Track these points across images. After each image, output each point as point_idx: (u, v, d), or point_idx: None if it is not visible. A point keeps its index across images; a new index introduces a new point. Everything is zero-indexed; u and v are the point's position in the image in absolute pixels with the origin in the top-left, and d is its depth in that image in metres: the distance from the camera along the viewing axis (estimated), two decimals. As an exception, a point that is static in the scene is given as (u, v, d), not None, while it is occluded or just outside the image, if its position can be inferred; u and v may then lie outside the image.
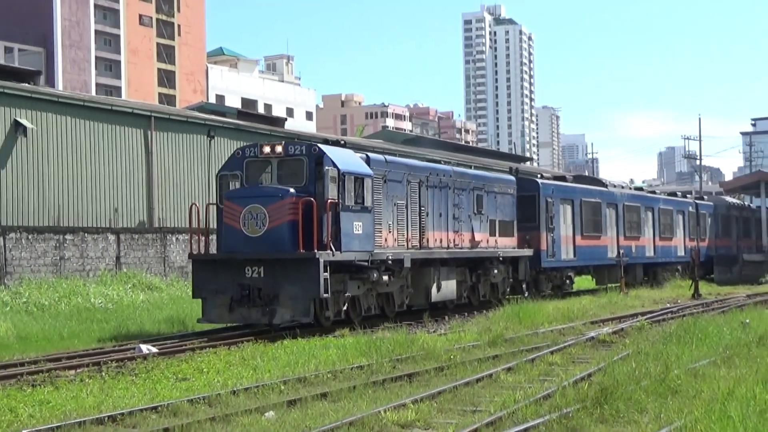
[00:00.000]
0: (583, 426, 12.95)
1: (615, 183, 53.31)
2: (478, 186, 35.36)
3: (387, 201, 28.75)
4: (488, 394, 15.87)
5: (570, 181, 46.01)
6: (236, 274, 25.17)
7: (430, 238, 31.38)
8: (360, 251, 26.80)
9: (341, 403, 15.04)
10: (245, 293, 24.99)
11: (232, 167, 27.01)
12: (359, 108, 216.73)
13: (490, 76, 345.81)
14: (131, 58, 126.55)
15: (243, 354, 21.12)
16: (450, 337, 24.77)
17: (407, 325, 27.69)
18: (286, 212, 25.05)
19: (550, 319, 28.68)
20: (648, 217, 51.79)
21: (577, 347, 22.57)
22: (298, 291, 24.83)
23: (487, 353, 21.03)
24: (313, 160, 25.93)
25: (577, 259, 42.99)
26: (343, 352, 21.04)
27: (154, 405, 14.65)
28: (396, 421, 13.43)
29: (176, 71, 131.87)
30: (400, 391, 16.28)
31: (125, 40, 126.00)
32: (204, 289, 25.72)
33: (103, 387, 16.88)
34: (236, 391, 15.90)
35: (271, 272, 24.96)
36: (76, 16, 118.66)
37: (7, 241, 36.55)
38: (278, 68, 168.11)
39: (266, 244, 25.01)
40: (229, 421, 13.48)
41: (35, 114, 39.00)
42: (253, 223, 25.09)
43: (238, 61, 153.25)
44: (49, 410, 14.63)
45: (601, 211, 45.76)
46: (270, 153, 26.35)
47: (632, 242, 49.09)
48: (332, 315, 26.66)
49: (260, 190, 25.93)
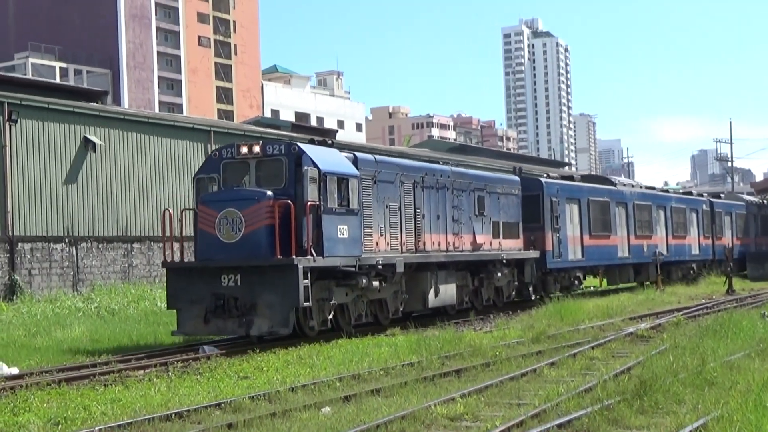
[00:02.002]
0: (624, 417, 12.84)
1: (624, 182, 49.91)
2: (479, 186, 32.32)
3: (378, 203, 25.91)
4: (532, 388, 15.78)
5: (578, 181, 43.17)
6: (212, 283, 22.40)
7: (427, 242, 28.42)
8: (345, 256, 23.93)
9: (393, 398, 14.99)
10: (220, 303, 22.23)
11: (209, 169, 24.19)
12: (406, 119, 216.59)
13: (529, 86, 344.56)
14: (191, 77, 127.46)
15: (300, 353, 21.13)
16: (495, 334, 24.65)
17: (454, 323, 27.62)
18: (263, 216, 22.28)
19: (590, 315, 28.47)
20: (660, 216, 48.73)
21: (617, 342, 22.41)
22: (276, 300, 22.03)
23: (531, 349, 20.91)
24: (293, 160, 23.07)
25: (586, 260, 40.09)
26: (395, 350, 21.02)
27: (218, 402, 14.68)
28: (445, 415, 13.38)
29: (233, 88, 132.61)
30: (449, 386, 16.22)
31: (185, 60, 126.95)
32: (179, 299, 22.93)
33: (170, 386, 16.94)
34: (294, 388, 15.90)
35: (248, 280, 22.14)
36: (140, 38, 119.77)
37: (80, 251, 36.94)
38: (329, 83, 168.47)
39: (243, 250, 22.28)
40: (288, 417, 13.48)
41: (103, 131, 39.41)
42: (229, 229, 22.38)
43: (291, 77, 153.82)
44: (120, 408, 14.71)
45: (610, 210, 42.80)
46: (247, 154, 23.49)
47: (643, 241, 46.05)
48: (317, 325, 23.83)
49: (235, 193, 23.00)
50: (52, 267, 36.92)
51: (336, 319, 24.78)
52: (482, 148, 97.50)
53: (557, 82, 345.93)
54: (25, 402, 15.35)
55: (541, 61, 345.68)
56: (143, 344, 24.33)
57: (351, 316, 25.28)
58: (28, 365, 19.90)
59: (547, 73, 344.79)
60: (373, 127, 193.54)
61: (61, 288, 36.88)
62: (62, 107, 38.38)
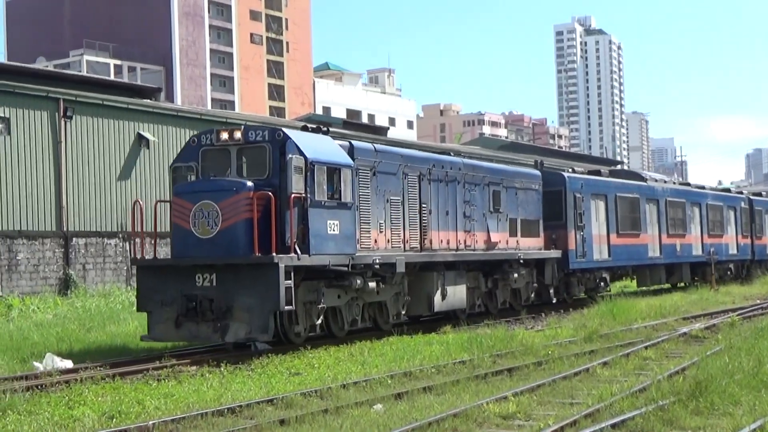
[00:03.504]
0: (679, 418, 12.70)
1: (656, 177, 46.77)
2: (494, 181, 29.72)
3: (377, 196, 23.69)
4: (585, 388, 15.65)
5: (605, 176, 39.91)
6: (185, 283, 20.29)
7: (434, 239, 26.11)
8: (336, 254, 21.66)
9: (445, 396, 14.96)
10: (192, 305, 20.10)
11: (187, 157, 21.94)
12: (457, 116, 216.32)
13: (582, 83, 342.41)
14: (243, 74, 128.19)
15: (351, 350, 21.12)
16: (547, 333, 24.52)
17: (506, 322, 27.50)
18: (242, 209, 20.08)
19: (642, 315, 28.21)
20: (695, 214, 45.85)
21: (670, 342, 22.20)
22: (254, 302, 19.87)
23: (583, 348, 20.78)
24: (277, 147, 20.85)
25: (613, 260, 37.28)
26: (446, 348, 20.96)
27: (270, 398, 14.72)
28: (498, 413, 13.32)
29: (285, 85, 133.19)
30: (501, 385, 16.15)
31: (238, 57, 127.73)
32: (149, 300, 20.81)
33: (222, 381, 17.02)
34: (346, 385, 15.90)
35: (224, 281, 20.04)
36: (193, 36, 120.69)
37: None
38: (380, 81, 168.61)
39: (219, 247, 20.14)
40: (340, 413, 13.48)
41: (157, 127, 39.76)
42: (204, 223, 20.22)
43: (343, 74, 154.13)
44: (174, 403, 14.79)
45: (640, 207, 39.91)
46: (228, 140, 21.30)
47: (677, 240, 43.24)
48: (304, 330, 21.71)
49: (212, 184, 20.72)
50: (105, 262, 37.33)
51: (328, 323, 22.79)
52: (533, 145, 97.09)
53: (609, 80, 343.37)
54: (79, 396, 15.49)
55: (594, 59, 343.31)
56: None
57: (345, 321, 23.12)
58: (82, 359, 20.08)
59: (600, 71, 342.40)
60: (424, 125, 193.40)
61: (115, 283, 37.27)
62: (116, 104, 38.76)
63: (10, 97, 34.87)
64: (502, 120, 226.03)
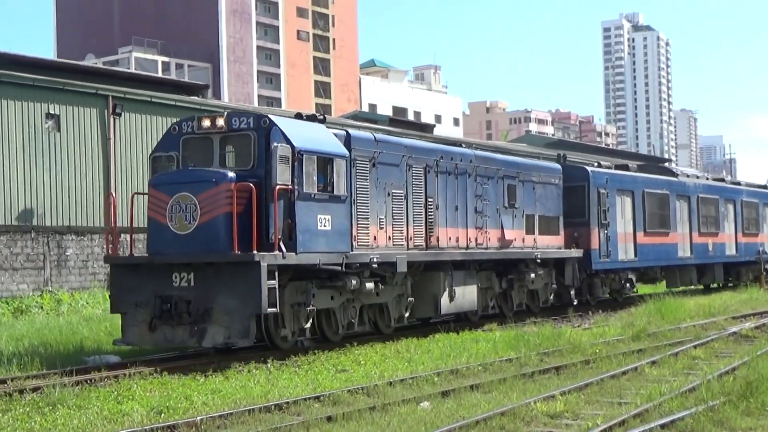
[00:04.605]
0: (729, 419, 12.56)
1: (688, 173, 44.62)
2: (509, 174, 27.84)
3: (377, 189, 21.95)
4: (634, 387, 15.55)
5: (633, 171, 37.63)
6: (161, 283, 18.78)
7: (441, 236, 24.35)
8: (328, 252, 19.96)
9: (492, 394, 14.93)
10: (166, 307, 18.57)
11: (167, 146, 20.30)
12: (503, 114, 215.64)
13: (629, 80, 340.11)
14: (290, 71, 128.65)
15: (397, 347, 21.14)
16: (594, 331, 24.40)
17: (552, 319, 27.39)
18: (222, 202, 18.48)
19: (691, 314, 28.01)
20: (729, 211, 43.59)
21: (720, 342, 21.99)
22: (234, 304, 18.31)
23: (631, 347, 20.67)
24: (263, 135, 19.25)
25: (639, 260, 35.22)
26: (493, 346, 20.92)
27: (317, 395, 14.76)
28: (545, 412, 13.26)
29: (331, 82, 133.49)
30: (549, 383, 16.09)
31: (284, 54, 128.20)
32: (123, 301, 19.29)
33: (269, 378, 17.06)
34: (392, 382, 15.91)
35: (203, 280, 18.50)
36: (240, 33, 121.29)
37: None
38: (426, 78, 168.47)
39: (197, 243, 18.55)
40: (387, 411, 13.47)
41: (204, 124, 39.91)
42: (182, 217, 18.65)
43: (389, 71, 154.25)
44: (221, 398, 14.86)
45: (669, 204, 37.77)
46: (210, 128, 19.80)
47: (709, 239, 41.16)
48: (291, 335, 20.01)
49: (190, 174, 19.14)
50: (153, 258, 37.58)
51: (320, 327, 21.28)
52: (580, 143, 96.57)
53: (657, 77, 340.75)
54: (128, 390, 15.61)
55: (642, 56, 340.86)
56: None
57: (339, 325, 21.45)
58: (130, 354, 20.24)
59: (648, 68, 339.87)
60: (471, 122, 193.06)
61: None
62: (164, 101, 39.02)
63: (60, 94, 35.24)
64: (549, 117, 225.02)
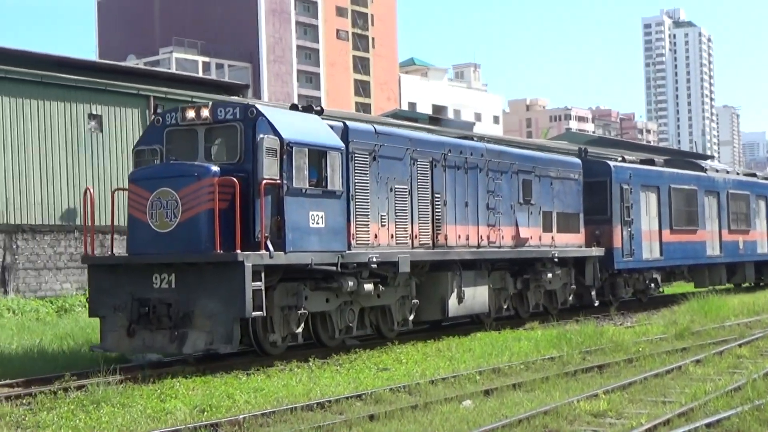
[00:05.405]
0: (776, 418, 12.43)
1: (717, 167, 42.85)
2: (524, 169, 26.36)
3: (378, 184, 20.69)
4: (678, 386, 15.42)
5: (659, 165, 35.93)
6: (141, 285, 17.68)
7: (449, 234, 22.90)
8: (321, 251, 18.69)
9: (535, 392, 14.85)
10: (144, 311, 17.45)
11: (151, 139, 19.14)
12: (543, 111, 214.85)
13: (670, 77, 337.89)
14: (329, 70, 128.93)
15: (439, 346, 21.11)
16: (637, 329, 24.26)
17: (594, 318, 27.24)
18: (204, 198, 17.33)
19: (735, 312, 27.76)
20: (761, 207, 42.12)
21: (765, 340, 21.73)
22: (217, 308, 17.16)
23: (675, 345, 20.52)
24: (250, 127, 18.07)
25: (665, 259, 33.59)
26: (535, 344, 20.82)
27: (359, 393, 14.73)
28: (588, 411, 13.17)
29: (371, 81, 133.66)
30: (591, 382, 15.99)
31: (324, 53, 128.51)
32: (102, 304, 18.11)
33: (311, 376, 17.06)
34: (434, 380, 15.87)
35: (184, 282, 17.36)
36: (279, 33, 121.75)
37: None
38: (466, 76, 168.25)
39: (178, 242, 17.42)
40: (429, 409, 13.43)
41: (245, 124, 40.04)
42: (163, 214, 17.49)
43: (428, 70, 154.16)
44: (263, 397, 14.87)
45: (697, 200, 36.15)
46: (195, 119, 18.54)
47: (739, 237, 39.54)
48: (282, 339, 18.83)
49: (171, 169, 18.02)
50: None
51: (316, 331, 20.08)
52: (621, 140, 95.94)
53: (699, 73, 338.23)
54: (171, 389, 15.66)
55: (683, 52, 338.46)
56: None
57: (336, 329, 20.15)
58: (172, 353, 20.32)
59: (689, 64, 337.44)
60: (511, 120, 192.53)
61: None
62: (205, 101, 39.10)
63: (102, 95, 35.48)
64: (589, 115, 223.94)
